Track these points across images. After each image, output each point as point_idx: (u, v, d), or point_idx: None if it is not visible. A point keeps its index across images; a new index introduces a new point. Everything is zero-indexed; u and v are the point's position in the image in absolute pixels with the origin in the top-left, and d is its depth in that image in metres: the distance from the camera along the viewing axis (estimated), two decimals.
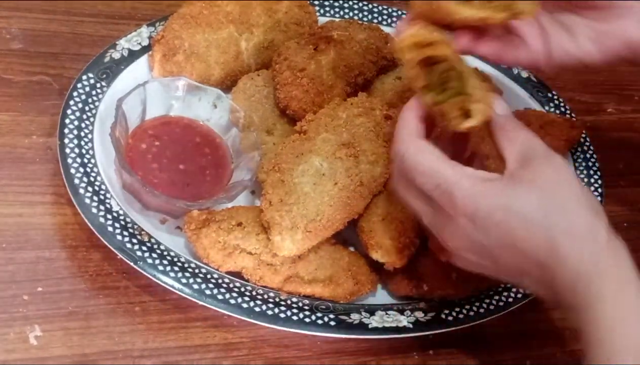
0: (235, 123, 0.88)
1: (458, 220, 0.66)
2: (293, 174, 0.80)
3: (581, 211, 0.65)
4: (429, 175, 0.67)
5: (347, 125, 0.84)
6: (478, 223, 0.65)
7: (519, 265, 0.66)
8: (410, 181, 0.69)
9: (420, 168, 0.68)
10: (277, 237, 0.77)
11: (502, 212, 0.65)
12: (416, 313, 0.82)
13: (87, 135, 0.85)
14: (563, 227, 0.64)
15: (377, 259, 0.81)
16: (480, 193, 0.65)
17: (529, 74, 1.09)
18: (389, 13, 1.09)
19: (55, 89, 0.93)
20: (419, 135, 0.70)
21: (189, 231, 0.79)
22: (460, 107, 0.68)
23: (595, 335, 0.61)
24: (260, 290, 0.80)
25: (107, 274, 0.80)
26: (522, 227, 0.64)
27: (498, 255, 0.66)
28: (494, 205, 0.65)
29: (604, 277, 0.62)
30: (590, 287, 0.62)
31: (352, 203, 0.81)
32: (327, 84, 0.90)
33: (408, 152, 0.69)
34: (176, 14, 0.93)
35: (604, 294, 0.62)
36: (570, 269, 0.63)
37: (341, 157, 0.81)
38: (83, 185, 0.80)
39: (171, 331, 0.78)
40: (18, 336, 0.73)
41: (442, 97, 0.69)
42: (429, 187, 0.67)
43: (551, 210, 0.64)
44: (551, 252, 0.63)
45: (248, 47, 0.96)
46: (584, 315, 0.62)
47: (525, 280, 0.67)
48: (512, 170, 0.67)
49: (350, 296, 0.82)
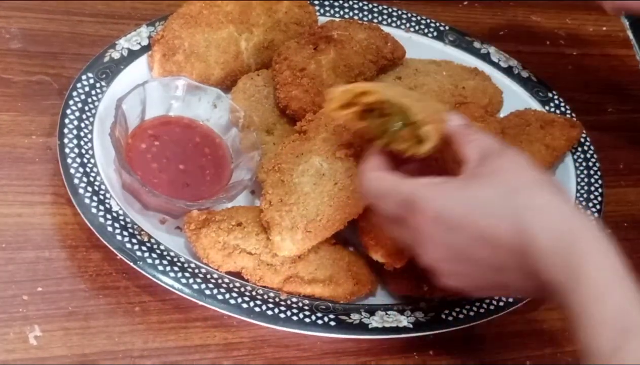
0: (235, 123, 0.88)
1: (426, 228, 0.66)
2: (293, 174, 0.80)
3: (543, 190, 0.64)
4: (389, 197, 0.69)
5: (347, 125, 0.84)
6: (443, 224, 0.65)
7: (495, 261, 0.65)
8: (380, 210, 0.71)
9: (381, 194, 0.70)
10: (277, 237, 0.77)
11: (462, 206, 0.65)
12: (416, 313, 0.82)
13: (87, 135, 0.85)
14: (526, 206, 0.63)
15: (377, 259, 0.81)
16: (438, 194, 0.66)
17: (529, 74, 1.09)
18: (389, 13, 1.09)
19: (54, 88, 0.93)
20: (379, 168, 0.72)
21: (189, 231, 0.79)
22: (414, 136, 0.71)
23: (579, 305, 0.59)
24: (260, 290, 0.80)
25: (107, 274, 0.80)
26: (485, 217, 0.64)
27: (472, 254, 0.66)
28: (454, 202, 0.65)
29: (578, 244, 0.60)
30: (567, 258, 0.60)
31: (352, 203, 0.80)
32: (327, 84, 0.90)
33: (369, 185, 0.72)
34: (176, 14, 0.93)
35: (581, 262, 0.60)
36: (543, 245, 0.61)
37: (341, 157, 0.81)
38: (83, 185, 0.80)
39: (171, 331, 0.78)
40: (18, 336, 0.73)
41: (391, 137, 0.72)
42: (393, 208, 0.69)
43: (511, 194, 0.64)
44: (520, 233, 0.62)
45: (248, 47, 0.96)
46: (568, 290, 0.60)
47: (508, 277, 0.65)
48: (470, 168, 0.69)
49: (350, 296, 0.82)
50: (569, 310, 0.60)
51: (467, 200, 0.65)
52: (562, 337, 0.88)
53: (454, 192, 0.67)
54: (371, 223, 0.82)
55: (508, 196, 0.64)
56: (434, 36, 1.09)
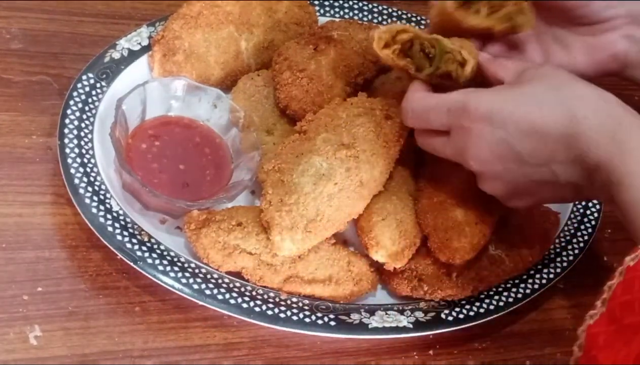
0: (235, 123, 0.88)
1: (476, 128, 0.71)
2: (293, 174, 0.80)
3: (584, 83, 0.70)
4: (438, 108, 0.74)
5: (347, 125, 0.84)
6: (495, 119, 0.70)
7: (544, 152, 0.69)
8: (424, 124, 0.76)
9: (429, 107, 0.75)
10: (277, 237, 0.77)
11: (512, 101, 0.70)
12: (416, 313, 0.82)
13: (87, 135, 0.85)
14: (573, 96, 0.68)
15: (377, 259, 0.81)
16: (488, 95, 0.72)
17: None
18: (389, 13, 1.09)
19: (55, 89, 0.93)
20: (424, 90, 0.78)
21: (189, 231, 0.79)
22: (453, 62, 0.79)
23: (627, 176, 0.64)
24: (260, 290, 0.80)
25: (107, 274, 0.80)
26: (536, 108, 0.69)
27: (521, 149, 0.69)
28: (504, 99, 0.70)
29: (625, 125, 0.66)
30: (613, 135, 0.66)
31: (352, 203, 0.81)
32: (327, 84, 0.90)
33: (416, 104, 0.76)
34: (176, 14, 0.93)
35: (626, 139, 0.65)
36: (592, 125, 0.66)
37: (341, 157, 0.81)
38: (83, 185, 0.80)
39: (171, 331, 0.78)
40: (18, 336, 0.73)
41: (434, 67, 0.79)
42: (441, 117, 0.74)
43: (557, 88, 0.69)
44: (569, 120, 0.67)
45: (248, 47, 0.96)
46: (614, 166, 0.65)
47: (555, 168, 0.69)
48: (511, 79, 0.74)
49: (350, 296, 0.82)
50: (616, 187, 0.65)
51: (517, 97, 0.70)
52: (562, 337, 0.88)
53: (503, 91, 0.72)
54: (371, 223, 0.82)
55: (555, 90, 0.69)
56: None
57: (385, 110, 0.87)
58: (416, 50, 0.80)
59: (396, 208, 0.83)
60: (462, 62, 0.79)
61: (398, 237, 0.81)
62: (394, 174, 0.86)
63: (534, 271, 0.89)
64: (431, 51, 0.80)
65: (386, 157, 0.83)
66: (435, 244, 0.81)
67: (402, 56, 0.81)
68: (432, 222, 0.82)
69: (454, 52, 0.80)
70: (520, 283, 0.87)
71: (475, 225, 0.80)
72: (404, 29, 0.81)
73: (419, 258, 0.84)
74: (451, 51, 0.80)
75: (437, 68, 0.80)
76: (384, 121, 0.86)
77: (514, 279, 0.87)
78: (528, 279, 0.88)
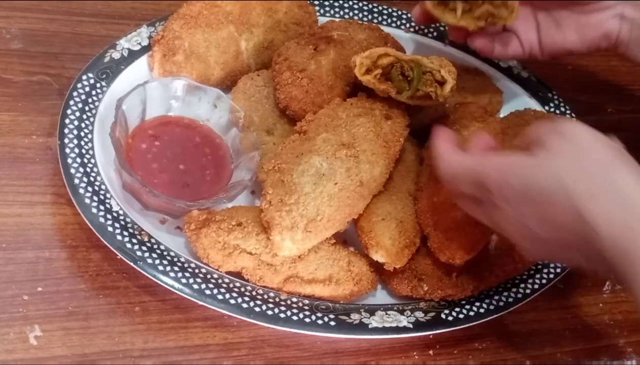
0: (235, 123, 0.88)
1: (499, 205, 0.69)
2: (293, 174, 0.80)
3: (598, 171, 0.66)
4: (463, 177, 0.72)
5: (347, 125, 0.84)
6: (512, 202, 0.68)
7: (561, 240, 0.67)
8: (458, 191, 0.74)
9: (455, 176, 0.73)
10: (277, 237, 0.77)
11: (524, 187, 0.67)
12: (416, 313, 0.82)
13: (87, 135, 0.85)
14: (582, 191, 0.64)
15: (377, 259, 0.81)
16: (504, 172, 0.68)
17: (529, 74, 1.09)
18: (389, 13, 1.09)
19: (55, 89, 0.93)
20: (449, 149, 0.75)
21: (189, 231, 0.79)
22: (432, 83, 0.83)
23: None
24: (260, 290, 0.80)
25: (107, 274, 0.80)
26: (545, 200, 0.66)
27: (539, 232, 0.68)
28: (517, 181, 0.67)
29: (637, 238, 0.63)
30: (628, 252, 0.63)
31: (352, 203, 0.81)
32: (327, 84, 0.90)
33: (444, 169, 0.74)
34: (176, 14, 0.93)
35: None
36: (604, 235, 0.63)
37: (341, 157, 0.81)
38: (83, 185, 0.80)
39: (171, 331, 0.78)
40: (18, 336, 0.73)
41: (417, 82, 0.83)
42: (469, 187, 0.72)
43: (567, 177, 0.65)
44: (579, 219, 0.64)
45: (248, 47, 0.96)
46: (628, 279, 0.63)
47: (576, 255, 0.67)
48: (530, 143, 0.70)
49: (350, 296, 0.82)
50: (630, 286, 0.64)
51: (527, 182, 0.67)
52: (562, 337, 0.88)
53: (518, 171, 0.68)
54: (371, 223, 0.82)
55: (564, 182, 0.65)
56: (434, 36, 1.09)
57: (385, 110, 0.87)
58: (396, 73, 0.84)
59: (396, 208, 0.84)
60: (442, 81, 0.82)
61: (398, 237, 0.81)
62: (394, 174, 0.86)
63: (534, 271, 0.89)
64: (409, 74, 0.83)
65: (386, 157, 0.84)
66: (435, 244, 0.81)
67: (383, 80, 0.85)
68: (432, 222, 0.82)
69: (434, 71, 0.82)
70: (520, 283, 0.87)
71: (475, 225, 0.80)
72: (385, 53, 0.84)
73: (419, 258, 0.84)
74: (430, 70, 0.83)
75: (417, 90, 0.83)
76: (384, 121, 0.86)
77: (514, 279, 0.87)
78: (528, 279, 0.88)
